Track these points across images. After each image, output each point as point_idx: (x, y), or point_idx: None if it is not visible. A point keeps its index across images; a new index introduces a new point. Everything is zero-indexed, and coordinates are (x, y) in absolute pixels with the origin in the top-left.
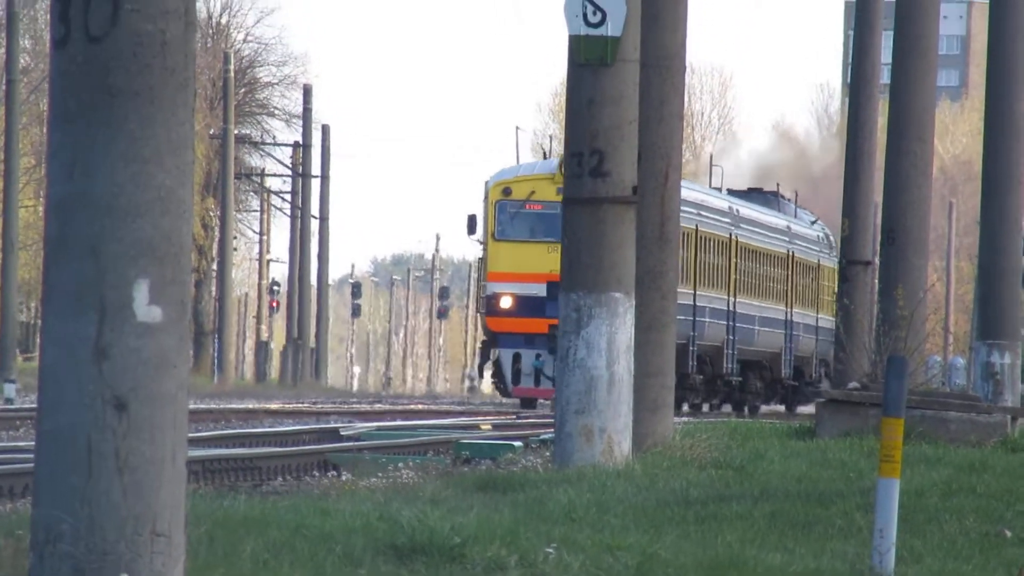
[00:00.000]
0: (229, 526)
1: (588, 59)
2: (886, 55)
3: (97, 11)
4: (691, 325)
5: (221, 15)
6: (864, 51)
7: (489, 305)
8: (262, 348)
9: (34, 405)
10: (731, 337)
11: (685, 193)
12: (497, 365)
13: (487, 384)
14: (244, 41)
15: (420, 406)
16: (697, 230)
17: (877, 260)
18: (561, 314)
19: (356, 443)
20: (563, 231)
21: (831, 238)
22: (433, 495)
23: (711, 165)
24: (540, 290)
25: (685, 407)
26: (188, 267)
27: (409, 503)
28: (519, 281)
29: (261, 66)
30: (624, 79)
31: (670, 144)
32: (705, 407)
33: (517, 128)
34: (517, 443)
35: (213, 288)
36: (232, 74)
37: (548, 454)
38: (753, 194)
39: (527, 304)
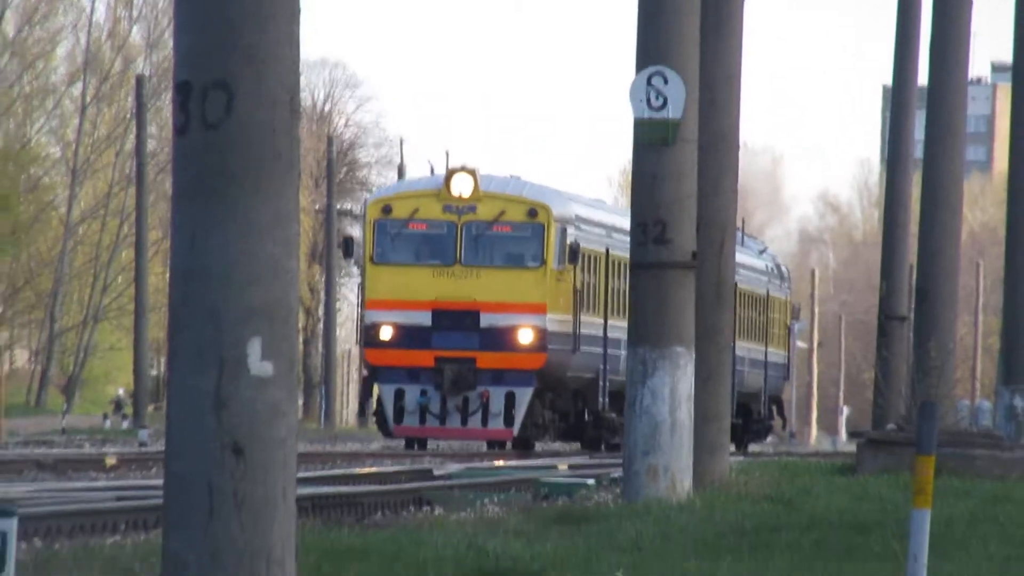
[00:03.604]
0: (335, 556)
1: (651, 140)
2: (919, 132)
3: (213, 102)
4: (602, 358)
5: (324, 103)
6: (900, 130)
7: (368, 336)
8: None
9: (163, 448)
10: None
11: (594, 214)
12: (378, 403)
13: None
14: (345, 126)
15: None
16: (608, 253)
17: (912, 316)
18: (629, 366)
19: (448, 481)
20: (630, 292)
21: (783, 268)
22: (516, 527)
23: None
24: (424, 318)
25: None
26: (295, 326)
27: (494, 534)
28: (401, 309)
29: (360, 147)
30: (684, 157)
31: (726, 215)
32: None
33: (401, 140)
34: (591, 481)
35: (320, 345)
36: (334, 155)
37: (618, 490)
38: None
39: (410, 334)
